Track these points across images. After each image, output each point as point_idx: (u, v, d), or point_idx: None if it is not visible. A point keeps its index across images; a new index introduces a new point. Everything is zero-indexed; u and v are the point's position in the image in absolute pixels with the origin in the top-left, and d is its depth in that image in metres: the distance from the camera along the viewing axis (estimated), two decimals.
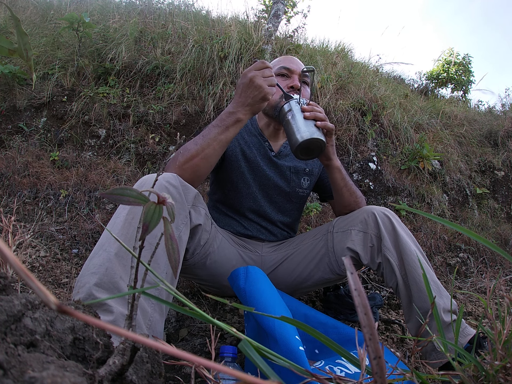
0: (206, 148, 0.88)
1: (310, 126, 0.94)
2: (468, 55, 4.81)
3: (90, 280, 0.64)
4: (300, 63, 1.18)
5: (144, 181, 0.82)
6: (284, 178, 1.18)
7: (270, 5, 4.03)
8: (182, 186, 0.83)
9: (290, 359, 0.57)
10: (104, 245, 0.71)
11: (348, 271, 0.22)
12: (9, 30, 2.52)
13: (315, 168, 1.23)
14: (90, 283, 0.64)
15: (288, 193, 1.18)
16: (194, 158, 0.88)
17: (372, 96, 2.57)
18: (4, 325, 0.26)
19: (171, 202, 0.32)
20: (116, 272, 0.66)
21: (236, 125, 0.90)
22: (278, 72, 1.14)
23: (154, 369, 0.34)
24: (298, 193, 1.19)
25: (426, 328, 0.63)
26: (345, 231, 1.02)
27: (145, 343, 0.17)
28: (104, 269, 0.66)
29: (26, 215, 1.70)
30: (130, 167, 1.99)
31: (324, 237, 1.07)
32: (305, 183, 1.21)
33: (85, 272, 0.67)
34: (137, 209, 0.75)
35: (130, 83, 2.30)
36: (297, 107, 0.98)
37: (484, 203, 2.57)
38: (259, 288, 0.76)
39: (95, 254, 0.71)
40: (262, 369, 0.27)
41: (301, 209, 1.28)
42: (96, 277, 0.65)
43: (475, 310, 1.50)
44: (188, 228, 0.84)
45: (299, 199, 1.21)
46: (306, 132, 0.92)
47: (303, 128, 0.93)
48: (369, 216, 0.98)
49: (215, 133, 0.89)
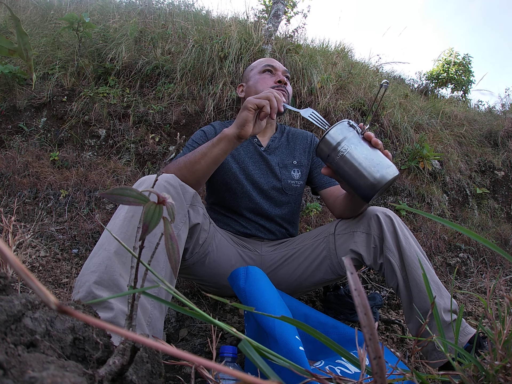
0: (197, 163, 0.92)
1: (383, 158, 0.72)
2: (468, 55, 4.82)
3: (90, 278, 0.65)
4: (281, 63, 1.25)
5: (142, 181, 0.83)
6: (274, 173, 1.20)
7: (270, 5, 4.03)
8: (180, 186, 0.84)
9: (290, 359, 0.57)
10: (104, 244, 0.71)
11: (348, 271, 0.22)
12: (9, 30, 2.52)
13: (303, 160, 1.25)
14: (90, 281, 0.64)
15: (280, 187, 1.19)
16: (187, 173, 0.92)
17: (372, 96, 2.57)
18: (4, 325, 0.26)
19: (171, 202, 0.32)
20: (115, 269, 0.67)
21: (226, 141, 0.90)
22: (263, 69, 1.19)
23: (154, 369, 0.34)
24: (291, 185, 1.21)
25: (426, 328, 0.64)
26: (347, 233, 1.02)
27: (145, 343, 0.17)
28: (103, 267, 0.66)
29: (26, 215, 1.70)
30: (130, 167, 1.99)
31: (326, 239, 1.08)
32: (296, 175, 1.22)
33: (85, 271, 0.68)
34: (136, 208, 0.76)
35: (130, 83, 2.30)
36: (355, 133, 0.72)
37: (484, 203, 2.57)
38: (259, 288, 0.76)
39: (95, 253, 0.71)
40: (262, 369, 0.27)
41: (299, 201, 1.28)
42: (95, 275, 0.65)
43: (475, 310, 1.50)
44: (187, 227, 0.85)
45: (293, 191, 1.22)
46: (389, 167, 0.70)
47: (381, 162, 0.70)
48: (372, 217, 0.99)
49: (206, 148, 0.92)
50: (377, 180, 0.69)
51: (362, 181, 0.70)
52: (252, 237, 1.18)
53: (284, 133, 1.30)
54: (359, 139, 0.73)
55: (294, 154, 1.25)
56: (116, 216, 0.78)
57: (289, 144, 1.28)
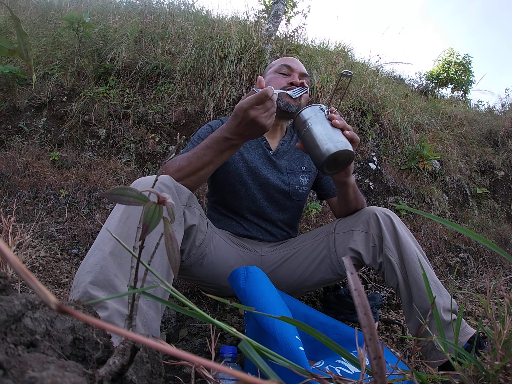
0: (200, 169, 0.88)
1: (339, 135, 0.82)
2: (468, 55, 4.82)
3: (85, 279, 0.65)
4: (301, 65, 1.17)
5: (137, 182, 0.82)
6: (283, 177, 1.17)
7: (270, 5, 4.03)
8: (175, 186, 0.82)
9: (290, 359, 0.57)
10: (99, 245, 0.71)
11: (348, 271, 0.22)
12: (9, 30, 2.52)
13: (311, 165, 1.23)
14: (85, 282, 0.65)
15: (288, 191, 1.17)
16: (186, 176, 0.88)
17: (372, 96, 2.57)
18: (4, 325, 0.26)
19: (171, 202, 0.32)
20: (110, 270, 0.67)
21: (232, 150, 0.88)
22: (278, 70, 1.14)
23: (154, 369, 0.34)
24: (298, 190, 1.19)
25: (426, 328, 0.63)
26: (347, 232, 1.02)
27: (145, 343, 0.17)
28: (99, 268, 0.66)
29: (26, 215, 1.70)
30: (130, 167, 1.99)
31: (326, 238, 1.08)
32: (303, 180, 1.20)
33: (81, 272, 0.68)
34: (131, 209, 0.75)
35: (130, 83, 2.30)
36: (322, 114, 0.85)
37: (484, 203, 2.57)
38: (259, 288, 0.76)
39: (90, 254, 0.71)
40: (262, 369, 0.27)
41: (302, 206, 1.27)
42: (91, 276, 0.65)
43: (475, 310, 1.50)
44: (182, 228, 0.84)
45: (299, 196, 1.20)
46: (338, 142, 0.80)
47: (334, 137, 0.81)
48: (370, 216, 0.99)
49: (210, 156, 0.87)
50: (324, 151, 0.80)
51: (316, 151, 0.82)
52: (253, 238, 1.18)
53: (294, 137, 1.27)
54: (323, 119, 0.85)
55: (303, 159, 1.22)
56: (111, 217, 0.78)
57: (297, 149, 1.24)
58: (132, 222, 0.74)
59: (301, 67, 1.16)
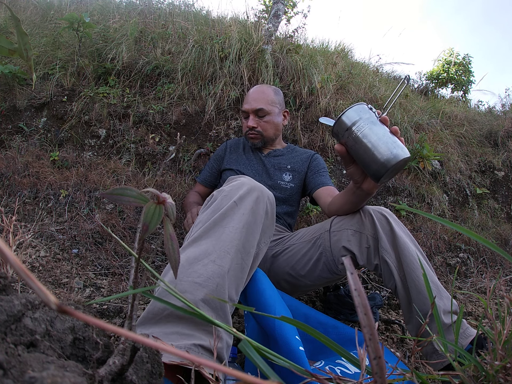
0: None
1: (397, 141, 0.73)
2: (468, 55, 4.81)
3: (196, 292, 0.58)
4: (256, 99, 1.36)
5: (242, 183, 0.84)
6: (268, 173, 1.36)
7: (270, 5, 4.03)
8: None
9: (290, 359, 0.57)
10: (211, 255, 0.65)
11: (348, 271, 0.22)
12: (9, 30, 2.52)
13: (298, 167, 1.38)
14: (196, 297, 0.58)
15: (271, 185, 1.33)
16: None
17: (372, 96, 2.57)
18: (4, 325, 0.26)
19: (171, 202, 0.32)
20: (226, 290, 0.62)
21: None
22: (242, 114, 1.41)
23: (154, 369, 0.34)
24: (280, 185, 1.33)
25: (426, 328, 0.63)
26: (341, 230, 1.02)
27: (145, 343, 0.17)
28: (214, 285, 0.60)
29: (26, 215, 1.70)
30: (130, 167, 1.99)
31: (322, 236, 1.08)
32: (286, 177, 1.35)
33: (184, 277, 0.61)
34: (246, 219, 0.73)
35: (130, 83, 2.30)
36: (374, 116, 0.75)
37: (484, 203, 2.57)
38: (259, 288, 0.76)
39: (196, 259, 0.64)
40: (262, 369, 0.27)
41: (292, 203, 1.36)
42: (203, 292, 0.59)
43: (475, 310, 1.50)
44: (266, 247, 0.88)
45: (283, 191, 1.33)
46: (403, 147, 0.72)
47: (397, 141, 0.72)
48: (365, 216, 0.98)
49: None
50: (391, 156, 0.70)
51: (377, 156, 0.72)
52: None
53: (288, 149, 1.47)
54: (376, 120, 0.75)
55: (290, 161, 1.39)
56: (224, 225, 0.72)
57: (289, 154, 1.43)
58: (250, 233, 0.74)
59: (253, 105, 1.35)
